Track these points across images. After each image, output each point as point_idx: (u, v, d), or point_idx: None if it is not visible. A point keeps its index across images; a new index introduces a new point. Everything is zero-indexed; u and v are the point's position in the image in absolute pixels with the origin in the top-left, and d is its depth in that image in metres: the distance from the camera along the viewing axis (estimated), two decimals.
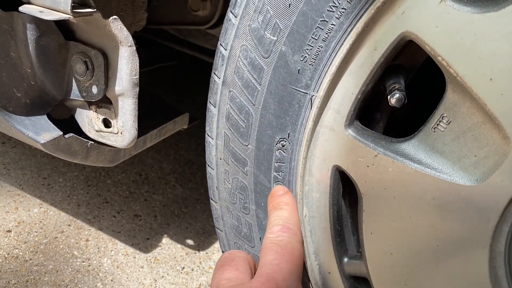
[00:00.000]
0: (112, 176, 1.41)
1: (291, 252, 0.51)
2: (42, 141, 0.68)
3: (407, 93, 0.49)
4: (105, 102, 0.70)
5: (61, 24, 0.66)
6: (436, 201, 0.47)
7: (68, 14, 0.56)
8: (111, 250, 1.16)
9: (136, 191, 1.37)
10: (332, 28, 0.49)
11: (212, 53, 1.27)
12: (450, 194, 0.46)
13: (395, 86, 0.49)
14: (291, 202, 0.57)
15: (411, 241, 0.51)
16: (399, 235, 0.51)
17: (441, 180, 0.46)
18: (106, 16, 0.60)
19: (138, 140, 0.73)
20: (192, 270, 1.16)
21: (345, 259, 0.59)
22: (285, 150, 0.58)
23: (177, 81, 1.86)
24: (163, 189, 1.41)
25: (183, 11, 0.94)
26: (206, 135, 0.66)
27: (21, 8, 0.58)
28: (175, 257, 1.19)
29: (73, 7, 0.56)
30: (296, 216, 0.56)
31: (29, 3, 0.59)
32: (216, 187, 0.68)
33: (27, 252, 1.11)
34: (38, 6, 0.58)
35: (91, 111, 0.72)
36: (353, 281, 0.60)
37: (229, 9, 0.56)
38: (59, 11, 0.57)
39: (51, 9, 0.57)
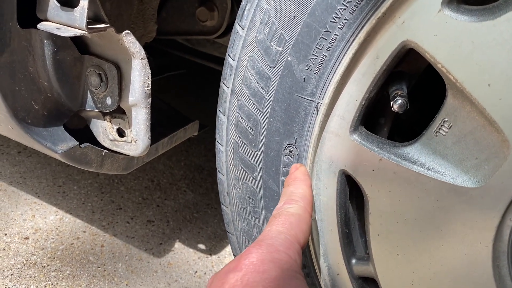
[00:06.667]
0: (125, 182, 1.44)
1: (285, 216, 0.52)
2: (59, 151, 0.71)
3: (411, 97, 0.51)
4: (119, 113, 0.73)
5: (76, 39, 0.69)
6: (439, 203, 0.49)
7: (84, 30, 0.59)
8: (126, 255, 1.19)
9: (148, 197, 1.40)
10: (336, 38, 0.51)
11: (220, 60, 1.30)
12: (452, 196, 0.48)
13: (397, 93, 0.51)
14: (299, 176, 0.57)
15: (416, 242, 0.52)
16: (405, 236, 0.53)
17: (444, 183, 0.48)
18: (118, 28, 0.63)
19: (150, 148, 0.75)
20: (205, 273, 1.18)
21: (353, 261, 0.61)
22: (292, 156, 0.60)
23: (186, 88, 1.89)
24: (175, 194, 1.43)
25: (192, 22, 0.96)
26: (216, 142, 0.68)
27: (39, 26, 0.61)
28: (187, 261, 1.21)
29: (88, 23, 0.59)
30: (302, 187, 0.56)
31: (46, 20, 0.62)
32: (227, 193, 0.70)
33: (45, 259, 1.14)
34: (54, 23, 0.61)
35: (106, 121, 0.75)
36: (361, 281, 0.62)
37: (236, 21, 0.59)
38: (74, 28, 0.60)
39: (67, 26, 0.60)
